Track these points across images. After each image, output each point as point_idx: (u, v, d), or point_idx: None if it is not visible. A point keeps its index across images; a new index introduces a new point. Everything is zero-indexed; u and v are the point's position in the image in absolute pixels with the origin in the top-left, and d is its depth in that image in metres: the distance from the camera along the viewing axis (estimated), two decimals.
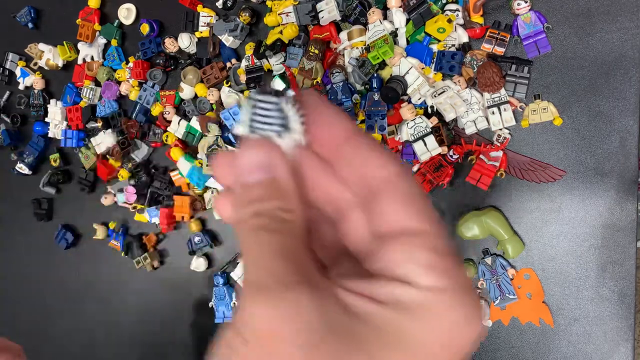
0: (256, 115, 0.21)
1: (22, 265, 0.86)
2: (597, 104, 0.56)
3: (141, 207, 0.73)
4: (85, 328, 0.82)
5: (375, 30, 0.57)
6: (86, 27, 0.73)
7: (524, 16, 0.56)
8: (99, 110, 0.74)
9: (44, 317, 0.84)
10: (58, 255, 0.82)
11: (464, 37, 0.58)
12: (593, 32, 0.56)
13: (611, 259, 0.57)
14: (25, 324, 0.86)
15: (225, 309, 0.71)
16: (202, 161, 0.68)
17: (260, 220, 0.20)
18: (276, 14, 0.62)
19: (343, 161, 0.22)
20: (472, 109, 0.58)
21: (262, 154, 0.21)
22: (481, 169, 0.59)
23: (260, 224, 0.20)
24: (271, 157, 0.21)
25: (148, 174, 0.72)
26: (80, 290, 0.82)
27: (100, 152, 0.74)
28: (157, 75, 0.70)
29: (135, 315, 0.79)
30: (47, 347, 0.84)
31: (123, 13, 0.72)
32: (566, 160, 0.57)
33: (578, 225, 0.58)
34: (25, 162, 0.78)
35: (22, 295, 0.86)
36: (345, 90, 0.58)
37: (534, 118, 0.57)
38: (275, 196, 0.21)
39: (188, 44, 0.68)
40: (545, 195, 0.59)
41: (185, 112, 0.70)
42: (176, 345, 0.77)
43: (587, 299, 0.58)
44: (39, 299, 0.85)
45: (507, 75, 0.57)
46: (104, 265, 0.80)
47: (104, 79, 0.73)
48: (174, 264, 0.75)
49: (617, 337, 0.58)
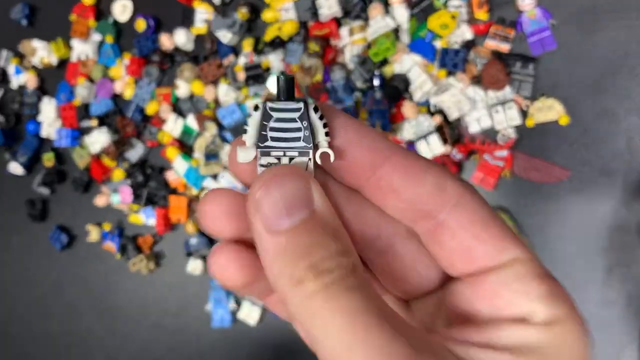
0: (270, 130, 0.16)
1: (16, 266, 0.84)
2: (603, 103, 0.55)
3: (137, 207, 0.72)
4: (80, 330, 0.80)
5: (377, 27, 0.56)
6: (80, 24, 0.72)
7: (529, 12, 0.55)
8: (93, 108, 0.72)
9: (37, 319, 0.83)
10: (52, 257, 0.81)
11: (468, 33, 0.57)
12: (599, 29, 0.55)
13: (618, 261, 0.56)
14: (19, 326, 0.85)
15: (222, 313, 0.69)
16: (199, 160, 0.66)
17: (326, 278, 0.14)
18: (275, 10, 0.61)
19: (384, 186, 0.17)
20: (476, 107, 0.57)
21: (292, 184, 0.15)
22: (485, 169, 0.58)
23: (329, 283, 0.14)
24: (305, 185, 0.15)
25: (144, 174, 0.71)
26: (75, 292, 0.80)
27: (95, 152, 0.73)
28: (153, 72, 0.68)
29: (131, 318, 0.77)
30: (41, 348, 0.83)
31: (119, 9, 0.70)
32: (571, 160, 0.56)
33: (584, 227, 0.57)
34: (19, 162, 0.77)
35: (16, 296, 0.85)
36: (346, 88, 0.57)
37: (539, 117, 0.56)
38: (329, 238, 0.15)
39: (184, 40, 0.67)
40: (550, 196, 0.57)
41: (182, 110, 0.69)
42: (171, 349, 0.75)
43: (593, 301, 0.57)
44: (34, 300, 0.83)
45: (512, 73, 0.56)
46: (98, 266, 0.78)
47: (99, 77, 0.71)
48: (170, 266, 0.74)
49: (624, 340, 0.57)
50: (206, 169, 0.65)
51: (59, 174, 0.76)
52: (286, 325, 0.71)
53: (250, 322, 0.69)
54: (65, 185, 0.79)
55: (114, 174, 0.72)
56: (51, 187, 0.77)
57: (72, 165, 0.77)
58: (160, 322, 0.76)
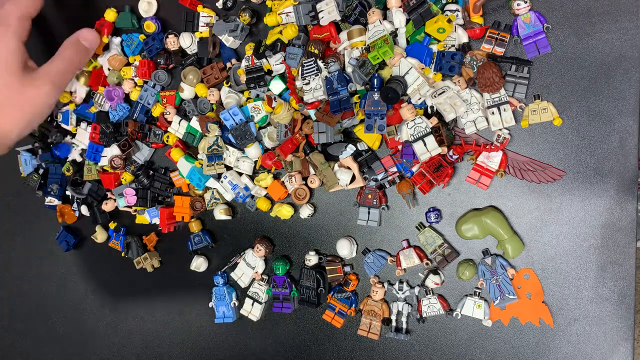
0: None
1: (21, 265, 0.86)
2: (596, 104, 0.56)
3: (142, 208, 0.73)
4: (85, 327, 0.82)
5: (375, 31, 0.57)
6: None
7: (524, 16, 0.56)
8: (111, 115, 0.73)
9: (43, 316, 0.85)
10: (58, 257, 0.82)
11: (464, 37, 0.58)
12: (593, 33, 0.56)
13: (611, 259, 0.57)
14: (23, 325, 0.86)
15: (225, 309, 0.71)
16: (202, 161, 0.68)
17: None
18: (276, 14, 0.62)
19: None
20: (472, 109, 0.58)
21: None
22: (481, 169, 0.59)
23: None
24: None
25: (148, 176, 0.72)
26: (80, 289, 0.82)
27: (102, 165, 0.74)
28: (162, 77, 0.70)
29: (135, 315, 0.79)
30: (47, 345, 0.85)
31: (144, 7, 0.71)
32: (566, 160, 0.58)
33: (578, 225, 0.58)
34: (52, 195, 0.78)
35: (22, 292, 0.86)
36: (340, 79, 0.58)
37: (534, 118, 0.57)
38: None
39: (190, 43, 0.68)
40: (544, 196, 0.59)
41: (186, 113, 0.70)
42: (175, 345, 0.77)
43: (586, 299, 0.58)
44: (40, 297, 0.85)
45: (507, 76, 0.57)
46: (103, 266, 0.80)
47: (114, 82, 0.72)
48: (174, 264, 0.75)
49: (617, 337, 0.58)
50: (209, 170, 0.66)
51: (74, 183, 0.77)
52: (288, 321, 0.73)
53: (253, 318, 0.70)
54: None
55: (123, 177, 0.73)
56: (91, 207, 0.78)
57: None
58: (164, 319, 0.77)
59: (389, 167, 0.62)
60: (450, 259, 0.61)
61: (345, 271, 0.66)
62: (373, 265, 0.64)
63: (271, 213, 0.68)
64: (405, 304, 0.64)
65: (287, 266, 0.68)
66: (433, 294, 0.62)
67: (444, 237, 0.62)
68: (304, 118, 0.63)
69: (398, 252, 0.63)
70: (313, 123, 0.62)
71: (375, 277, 0.65)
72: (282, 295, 0.68)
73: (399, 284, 0.64)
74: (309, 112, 0.63)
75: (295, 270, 0.69)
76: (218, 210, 0.69)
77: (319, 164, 0.63)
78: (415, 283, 0.64)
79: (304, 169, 0.64)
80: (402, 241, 0.64)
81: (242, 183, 0.67)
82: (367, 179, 0.63)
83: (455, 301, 0.63)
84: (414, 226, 0.63)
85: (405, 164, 0.61)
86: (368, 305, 0.65)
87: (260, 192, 0.68)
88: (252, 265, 0.69)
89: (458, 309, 0.62)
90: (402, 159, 0.60)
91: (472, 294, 0.62)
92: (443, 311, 0.62)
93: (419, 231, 0.62)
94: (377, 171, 0.62)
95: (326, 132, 0.60)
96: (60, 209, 0.79)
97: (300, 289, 0.67)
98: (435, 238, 0.61)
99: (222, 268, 0.73)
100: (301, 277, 0.66)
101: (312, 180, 0.65)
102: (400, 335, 0.64)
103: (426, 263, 0.62)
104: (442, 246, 0.61)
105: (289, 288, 0.68)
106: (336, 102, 0.59)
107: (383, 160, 0.62)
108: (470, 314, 0.61)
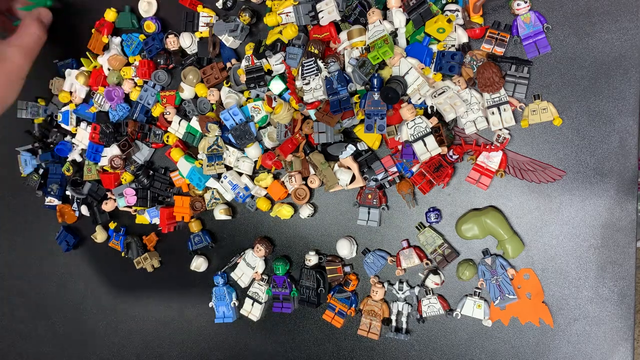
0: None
1: (21, 265, 0.86)
2: (596, 104, 0.56)
3: (142, 208, 0.73)
4: (85, 327, 0.82)
5: (375, 31, 0.57)
6: (95, 39, 0.73)
7: (524, 16, 0.56)
8: (111, 115, 0.73)
9: (43, 316, 0.85)
10: (58, 257, 0.82)
11: (464, 37, 0.58)
12: (593, 33, 0.56)
13: (611, 259, 0.57)
14: (23, 325, 0.86)
15: (225, 309, 0.71)
16: (202, 161, 0.68)
17: None
18: (276, 14, 0.62)
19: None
20: (472, 109, 0.58)
21: None
22: (481, 169, 0.59)
23: None
24: None
25: (148, 176, 0.72)
26: (80, 290, 0.82)
27: (102, 165, 0.74)
28: (162, 77, 0.70)
29: (135, 315, 0.79)
30: (46, 345, 0.85)
31: (144, 7, 0.71)
32: (566, 160, 0.58)
33: (578, 225, 0.58)
34: (52, 195, 0.78)
35: (22, 292, 0.86)
36: (340, 79, 0.58)
37: (534, 118, 0.57)
38: None
39: (190, 43, 0.68)
40: (544, 196, 0.59)
41: (186, 113, 0.70)
42: (175, 344, 0.77)
43: (586, 299, 0.58)
44: (40, 298, 0.85)
45: (507, 76, 0.57)
46: (103, 266, 0.80)
47: (114, 82, 0.72)
48: (174, 264, 0.75)
49: (617, 337, 0.58)
50: (209, 170, 0.66)
51: (74, 183, 0.77)
52: (288, 321, 0.73)
53: (253, 317, 0.70)
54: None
55: (123, 177, 0.73)
56: (91, 207, 0.78)
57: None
58: (164, 319, 0.77)
59: (389, 167, 0.62)
60: (450, 259, 0.61)
61: (345, 271, 0.66)
62: (373, 265, 0.64)
63: (271, 213, 0.68)
64: (405, 304, 0.64)
65: (287, 266, 0.68)
66: (433, 294, 0.62)
67: (444, 237, 0.62)
68: (304, 118, 0.63)
69: (398, 252, 0.63)
70: (313, 123, 0.62)
71: (375, 277, 0.65)
72: (282, 295, 0.68)
73: (399, 284, 0.64)
74: (309, 112, 0.63)
75: (295, 270, 0.69)
76: (218, 210, 0.69)
77: (319, 164, 0.63)
78: (415, 283, 0.64)
79: (304, 169, 0.64)
80: (402, 241, 0.64)
81: (242, 183, 0.67)
82: (367, 179, 0.63)
83: (455, 301, 0.63)
84: (414, 226, 0.63)
85: (405, 164, 0.61)
86: (368, 305, 0.65)
87: (260, 192, 0.68)
88: (252, 265, 0.69)
89: (458, 309, 0.62)
90: (402, 159, 0.60)
91: (472, 294, 0.62)
92: (443, 311, 0.62)
93: (419, 231, 0.62)
94: (377, 171, 0.62)
95: (326, 132, 0.60)
96: (60, 209, 0.79)
97: (300, 289, 0.67)
98: (435, 238, 0.61)
99: (222, 268, 0.73)
100: (301, 277, 0.66)
101: (312, 180, 0.65)
102: (400, 335, 0.64)
103: (426, 263, 0.62)
104: (442, 246, 0.61)
105: (289, 288, 0.68)
106: (336, 102, 0.59)
107: (383, 160, 0.62)
108: (470, 314, 0.61)
